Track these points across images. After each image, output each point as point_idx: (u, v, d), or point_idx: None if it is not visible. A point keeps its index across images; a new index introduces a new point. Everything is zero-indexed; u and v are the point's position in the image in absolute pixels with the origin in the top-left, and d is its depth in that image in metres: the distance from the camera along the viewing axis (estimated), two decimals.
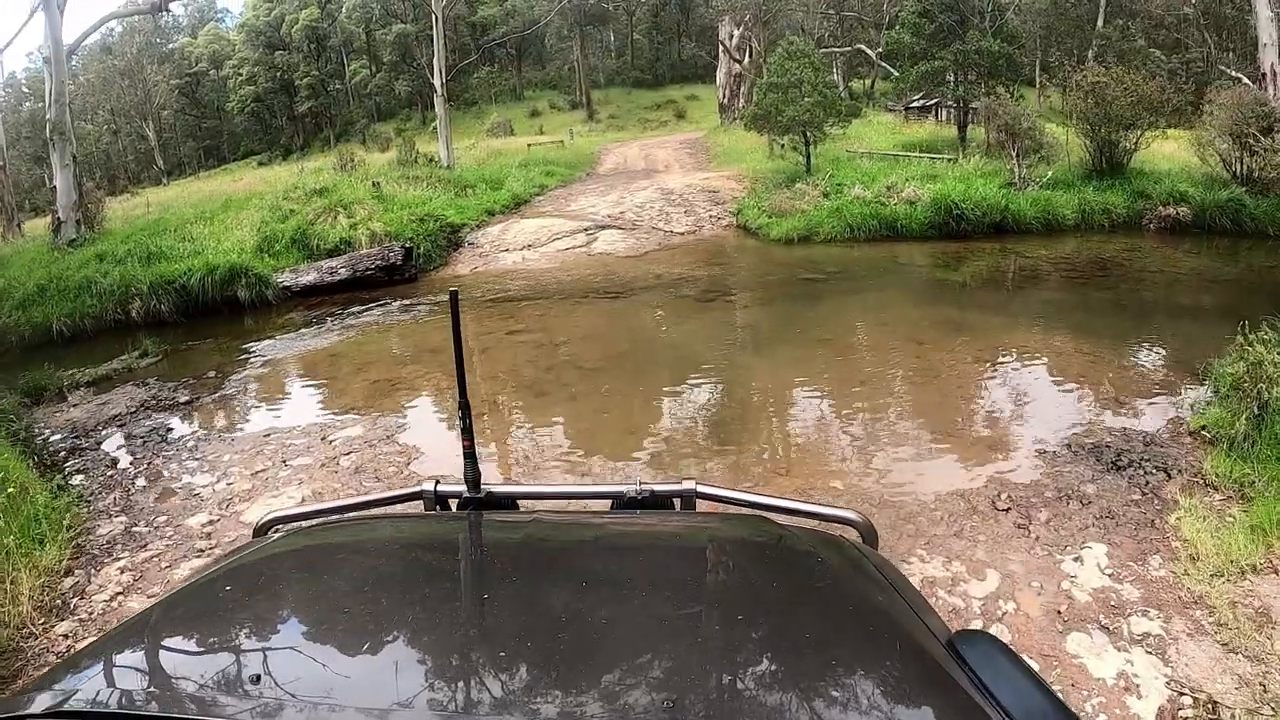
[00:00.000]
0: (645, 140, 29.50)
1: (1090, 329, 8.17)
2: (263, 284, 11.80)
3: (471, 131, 37.65)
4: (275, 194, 16.03)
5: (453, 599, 1.05)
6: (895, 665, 0.87)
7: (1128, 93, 13.61)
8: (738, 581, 1.10)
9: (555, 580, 1.06)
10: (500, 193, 18.25)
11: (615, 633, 0.90)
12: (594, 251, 13.44)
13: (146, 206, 19.72)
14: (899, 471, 4.93)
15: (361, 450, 5.96)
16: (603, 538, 1.26)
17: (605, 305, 10.03)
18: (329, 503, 1.48)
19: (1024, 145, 14.63)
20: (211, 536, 4.80)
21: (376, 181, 16.73)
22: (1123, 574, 3.93)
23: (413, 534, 1.32)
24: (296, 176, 20.45)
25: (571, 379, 7.25)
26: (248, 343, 9.59)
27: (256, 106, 51.97)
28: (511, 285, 11.58)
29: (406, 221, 14.08)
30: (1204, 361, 7.24)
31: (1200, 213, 12.35)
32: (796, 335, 8.32)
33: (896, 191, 13.81)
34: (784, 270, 11.63)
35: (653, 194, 16.85)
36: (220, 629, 0.96)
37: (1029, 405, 6.07)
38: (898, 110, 28.59)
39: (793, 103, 14.98)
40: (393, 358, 8.55)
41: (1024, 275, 10.77)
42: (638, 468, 5.29)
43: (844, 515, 1.37)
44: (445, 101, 23.64)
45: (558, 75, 52.55)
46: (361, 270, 12.39)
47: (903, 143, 19.18)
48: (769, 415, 6.39)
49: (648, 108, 43.99)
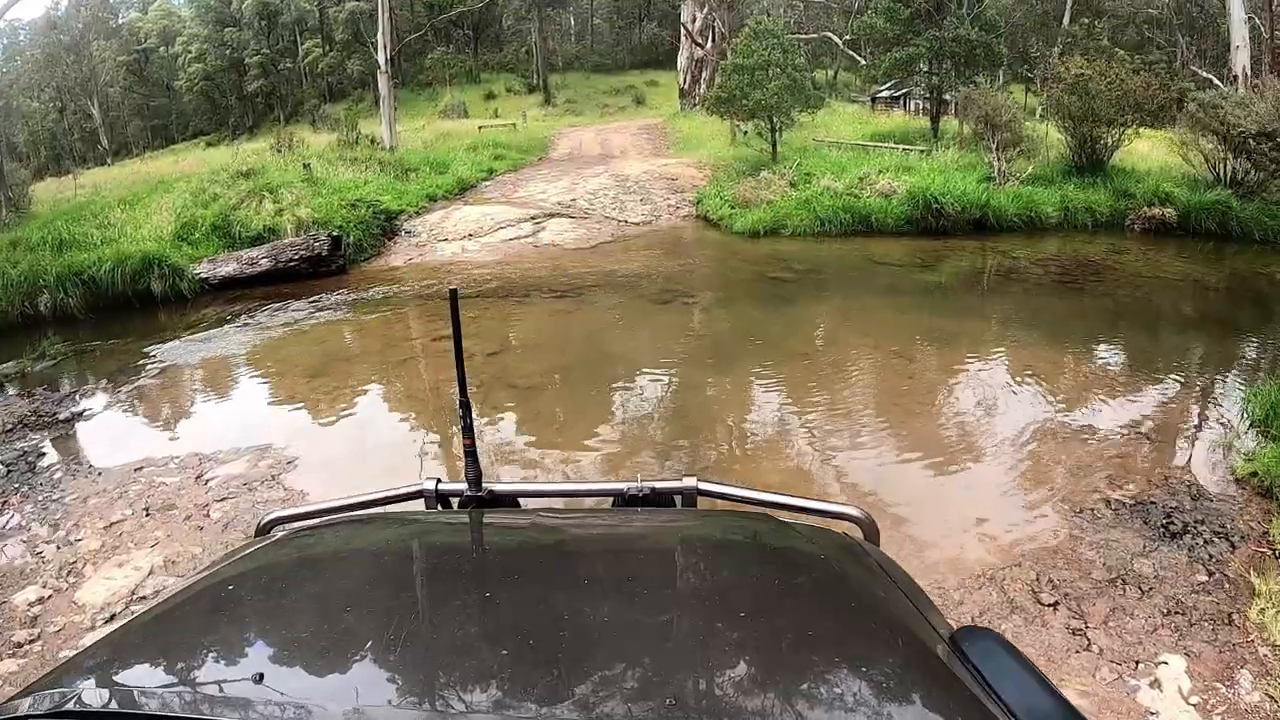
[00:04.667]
0: (602, 126, 28.14)
1: (1095, 344, 7.24)
2: (177, 276, 10.47)
3: (425, 114, 36.66)
4: (200, 176, 14.65)
5: (454, 598, 1.00)
6: (899, 662, 0.85)
7: (1112, 87, 12.96)
8: (740, 578, 1.08)
9: (557, 578, 1.05)
10: (445, 177, 16.93)
11: (617, 630, 0.89)
12: (540, 242, 12.19)
13: (75, 189, 17.89)
14: (908, 544, 3.81)
15: (238, 495, 4.83)
16: (605, 535, 1.27)
17: (548, 306, 8.80)
18: (330, 501, 1.42)
19: (1004, 138, 13.75)
20: (37, 623, 3.66)
21: (307, 163, 15.26)
22: (1211, 702, 2.91)
23: (415, 533, 1.29)
24: (233, 158, 18.83)
25: (501, 401, 6.05)
26: (151, 345, 8.26)
27: (206, 85, 49.95)
28: (448, 280, 10.32)
29: (337, 207, 12.74)
30: (1223, 381, 6.39)
31: (1185, 215, 11.74)
32: (765, 347, 7.19)
33: (870, 183, 12.81)
34: (749, 267, 10.53)
35: (606, 180, 15.60)
36: (222, 628, 0.95)
37: (1047, 444, 5.04)
38: (863, 101, 27.90)
39: (759, 86, 13.86)
40: (299, 368, 7.29)
41: (1012, 278, 9.82)
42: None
43: (846, 511, 1.34)
44: (389, 79, 22.11)
45: (515, 58, 51.07)
46: (284, 261, 11.07)
47: (871, 133, 18.22)
48: (734, 457, 5.27)
49: (606, 93, 42.80)
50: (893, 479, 4.65)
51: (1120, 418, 5.41)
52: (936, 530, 3.99)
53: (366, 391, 6.66)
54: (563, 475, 4.80)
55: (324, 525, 1.34)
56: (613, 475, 4.79)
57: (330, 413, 6.18)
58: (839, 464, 4.92)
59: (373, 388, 6.75)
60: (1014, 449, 4.99)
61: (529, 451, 5.24)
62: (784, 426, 5.51)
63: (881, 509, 4.14)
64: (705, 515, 1.37)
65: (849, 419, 5.53)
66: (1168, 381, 6.20)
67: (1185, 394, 6.01)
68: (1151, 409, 5.62)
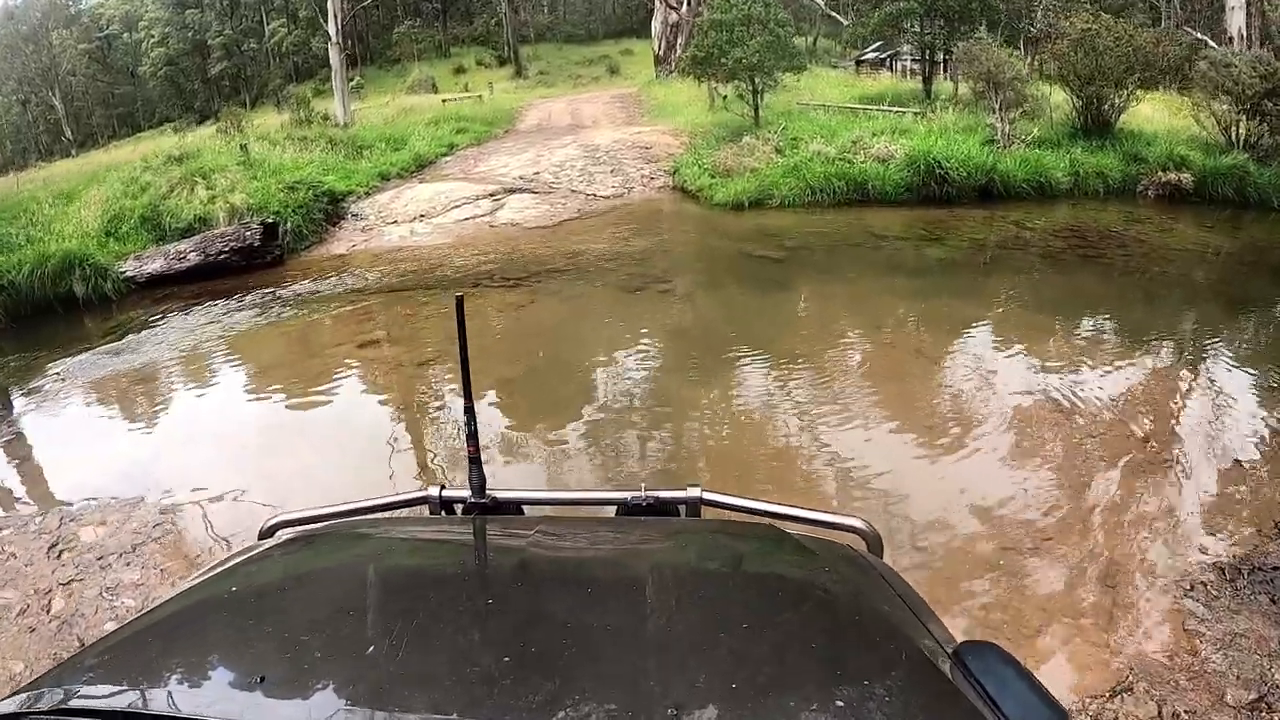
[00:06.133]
0: (574, 96, 26.64)
1: (1142, 335, 6.06)
2: (100, 276, 9.27)
3: (392, 89, 35.17)
4: (134, 165, 13.42)
5: (457, 604, 0.97)
6: (902, 676, 0.82)
7: (1120, 43, 11.92)
8: (742, 588, 1.05)
9: (560, 587, 1.03)
10: (401, 154, 15.58)
11: (619, 640, 0.87)
12: (498, 222, 10.87)
13: (18, 185, 16.37)
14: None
15: (88, 574, 3.70)
16: (608, 544, 1.23)
17: (498, 299, 7.51)
18: (335, 506, 1.36)
19: (1007, 97, 12.54)
20: None
21: (244, 144, 13.85)
22: None
23: (419, 538, 1.28)
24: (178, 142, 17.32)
25: (421, 431, 4.83)
26: (59, 358, 7.04)
27: (170, 70, 48.23)
28: (389, 269, 9.05)
29: (275, 191, 11.42)
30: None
31: (1201, 180, 10.72)
32: (755, 348, 5.94)
33: (863, 147, 11.57)
34: (733, 245, 9.31)
35: (574, 151, 14.24)
36: (224, 630, 0.92)
37: (1128, 485, 3.87)
38: (844, 67, 26.66)
39: (740, 43, 12.55)
40: (212, 386, 6.08)
41: (1033, 253, 8.62)
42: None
43: (850, 523, 1.28)
44: (341, 50, 20.62)
45: (486, 30, 49.43)
46: (214, 254, 9.83)
47: (859, 96, 16.96)
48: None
49: (580, 63, 41.21)
50: (933, 561, 3.47)
51: (1205, 442, 4.26)
52: (1003, 635, 2.82)
53: (273, 416, 5.42)
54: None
55: (328, 529, 1.31)
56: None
57: (220, 446, 4.97)
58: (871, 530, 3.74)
59: (281, 413, 5.49)
60: (1090, 496, 3.81)
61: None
62: (780, 464, 4.32)
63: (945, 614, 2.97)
64: (708, 525, 1.35)
65: (869, 453, 4.33)
66: (1256, 391, 5.05)
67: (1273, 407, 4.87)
68: (1245, 428, 4.47)
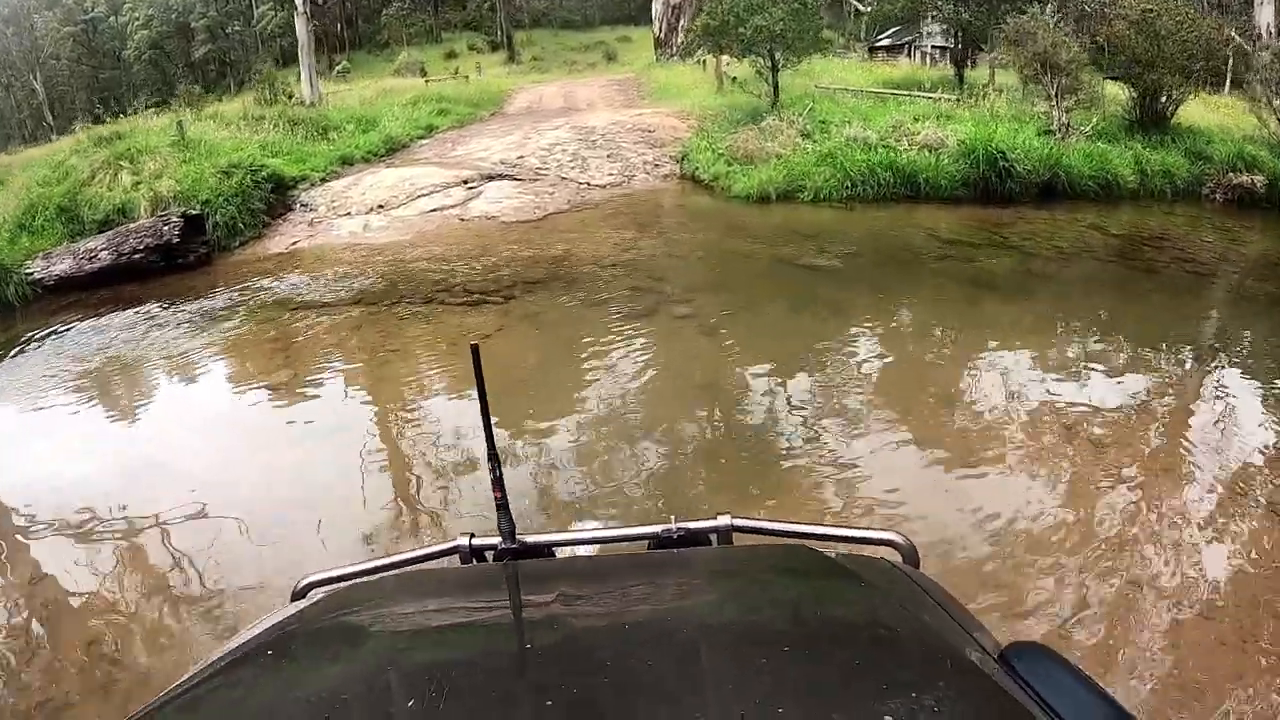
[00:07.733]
0: (569, 81, 24.74)
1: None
2: (3, 279, 7.92)
3: (380, 73, 33.48)
4: (63, 148, 12.19)
5: (498, 651, 0.94)
6: (951, 685, 0.77)
7: (1183, 27, 10.50)
8: (782, 613, 1.01)
9: (597, 626, 0.99)
10: (370, 135, 13.76)
11: (661, 674, 0.81)
12: (470, 214, 9.02)
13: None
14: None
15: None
16: (643, 579, 1.16)
17: (454, 323, 5.64)
18: (367, 563, 1.30)
19: (1063, 83, 10.81)
20: None
21: (180, 121, 11.98)
22: None
23: (454, 588, 1.21)
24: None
25: (286, 587, 3.05)
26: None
27: (154, 54, 47.02)
28: (329, 276, 7.22)
29: (208, 176, 9.62)
30: None
31: (1274, 183, 9.44)
32: (832, 415, 4.11)
33: (905, 133, 9.80)
34: (765, 248, 7.48)
35: (566, 134, 12.33)
36: (263, 698, 0.87)
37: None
38: (850, 57, 25.16)
39: (761, 9, 10.72)
40: (59, 442, 4.31)
41: (1136, 267, 6.87)
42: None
43: (885, 537, 1.22)
44: (308, 20, 18.67)
45: (479, 15, 47.94)
46: (127, 253, 8.22)
47: (882, 80, 15.19)
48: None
49: (575, 49, 39.65)
50: None
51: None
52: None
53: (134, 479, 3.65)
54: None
55: (362, 587, 1.25)
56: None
57: (106, 530, 3.31)
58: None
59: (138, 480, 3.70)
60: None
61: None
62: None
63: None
64: (743, 552, 1.29)
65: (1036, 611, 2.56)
66: None
67: None
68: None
